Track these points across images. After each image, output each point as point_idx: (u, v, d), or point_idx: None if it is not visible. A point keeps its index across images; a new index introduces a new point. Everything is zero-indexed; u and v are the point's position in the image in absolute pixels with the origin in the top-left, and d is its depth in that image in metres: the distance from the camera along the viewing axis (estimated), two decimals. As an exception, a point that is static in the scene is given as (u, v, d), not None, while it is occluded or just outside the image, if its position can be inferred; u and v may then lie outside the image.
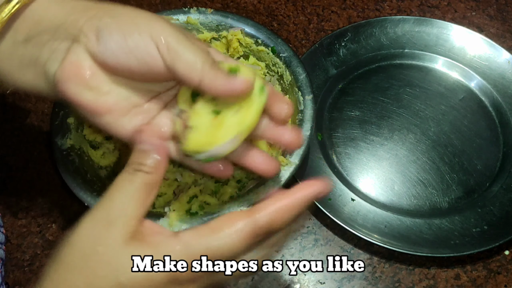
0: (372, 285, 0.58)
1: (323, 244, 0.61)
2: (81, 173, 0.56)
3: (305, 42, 0.75)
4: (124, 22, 0.39)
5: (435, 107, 0.70)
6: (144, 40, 0.39)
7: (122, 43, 0.39)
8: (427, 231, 0.60)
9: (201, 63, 0.39)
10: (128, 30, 0.39)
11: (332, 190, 0.62)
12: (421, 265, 0.59)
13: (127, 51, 0.39)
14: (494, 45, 0.73)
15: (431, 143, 0.67)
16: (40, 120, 0.68)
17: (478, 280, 0.59)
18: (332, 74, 0.71)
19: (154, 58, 0.39)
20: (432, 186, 0.64)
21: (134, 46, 0.39)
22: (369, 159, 0.66)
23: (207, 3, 0.79)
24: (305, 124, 0.58)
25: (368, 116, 0.69)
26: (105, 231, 0.36)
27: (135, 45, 0.39)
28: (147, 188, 0.37)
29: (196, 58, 0.39)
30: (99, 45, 0.40)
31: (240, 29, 0.64)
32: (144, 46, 0.39)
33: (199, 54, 0.39)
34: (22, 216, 0.61)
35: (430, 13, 0.78)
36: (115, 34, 0.39)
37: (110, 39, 0.39)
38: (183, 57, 0.39)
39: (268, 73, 0.64)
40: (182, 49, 0.39)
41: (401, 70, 0.73)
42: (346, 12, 0.78)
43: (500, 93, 0.70)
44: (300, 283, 0.58)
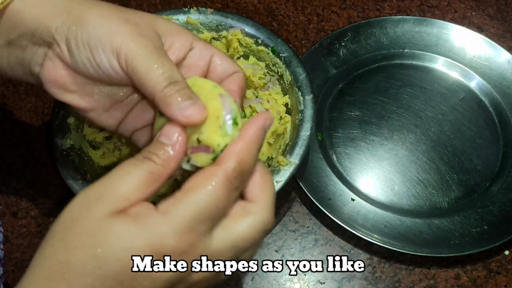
0: (372, 285, 0.58)
1: (323, 244, 0.61)
2: (81, 173, 0.56)
3: (305, 42, 0.75)
4: (89, 35, 0.40)
5: (435, 107, 0.70)
6: (106, 55, 0.39)
7: (89, 58, 0.40)
8: (427, 231, 0.60)
9: (152, 81, 0.38)
10: (92, 44, 0.40)
11: (332, 190, 0.62)
12: (421, 265, 0.59)
13: (95, 65, 0.40)
14: (494, 45, 0.73)
15: (431, 143, 0.67)
16: (40, 120, 0.68)
17: (478, 280, 0.59)
18: (332, 74, 0.71)
19: (118, 73, 0.40)
20: (432, 186, 0.64)
21: (100, 62, 0.40)
22: (369, 159, 0.66)
23: (207, 3, 0.79)
24: (305, 124, 0.58)
25: (368, 116, 0.69)
26: (92, 205, 0.34)
27: (100, 61, 0.40)
28: (150, 176, 0.35)
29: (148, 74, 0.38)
30: (71, 57, 0.41)
31: (240, 29, 0.64)
32: (107, 62, 0.40)
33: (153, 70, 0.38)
34: (22, 216, 0.61)
35: (430, 13, 0.78)
36: (82, 49, 0.40)
37: (78, 52, 0.40)
38: (137, 73, 0.39)
39: (268, 73, 0.64)
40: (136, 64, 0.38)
41: (401, 70, 0.73)
42: (346, 12, 0.78)
43: (500, 93, 0.70)
44: (300, 283, 0.58)
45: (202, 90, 0.39)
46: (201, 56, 0.44)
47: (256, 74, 0.64)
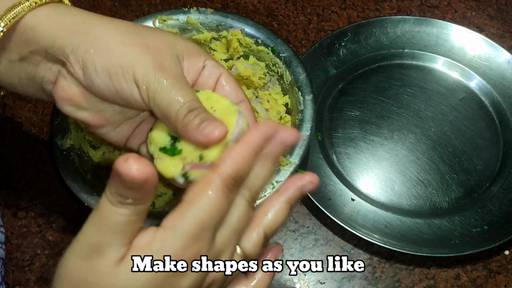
0: (372, 285, 0.58)
1: (323, 244, 0.61)
2: (81, 173, 0.56)
3: (305, 42, 0.75)
4: (109, 60, 0.40)
5: (435, 107, 0.70)
6: (127, 84, 0.40)
7: (108, 84, 0.40)
8: (427, 231, 0.60)
9: (175, 114, 0.39)
10: (113, 71, 0.39)
11: (332, 190, 0.62)
12: (421, 265, 0.59)
13: (114, 91, 0.40)
14: (494, 45, 0.73)
15: (431, 143, 0.67)
16: (40, 120, 0.68)
17: (478, 280, 0.59)
18: (332, 74, 0.71)
19: (137, 101, 0.40)
20: (432, 186, 0.64)
21: (119, 89, 0.40)
22: (369, 159, 0.66)
23: (207, 3, 0.79)
24: (305, 124, 0.58)
25: (368, 116, 0.69)
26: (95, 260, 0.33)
27: (120, 88, 0.40)
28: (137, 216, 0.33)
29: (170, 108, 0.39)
30: (86, 79, 0.40)
31: (240, 29, 0.64)
32: (127, 89, 0.40)
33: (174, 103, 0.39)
34: (22, 216, 0.61)
35: (430, 13, 0.78)
36: (100, 73, 0.40)
37: (96, 76, 0.40)
38: (160, 106, 0.39)
39: (268, 73, 0.64)
40: (159, 98, 0.39)
41: (401, 70, 0.73)
42: (346, 12, 0.78)
43: (500, 93, 0.70)
44: (300, 283, 0.58)
45: (218, 104, 0.40)
46: (211, 75, 0.44)
47: (256, 74, 0.64)
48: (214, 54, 0.66)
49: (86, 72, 0.40)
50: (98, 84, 0.40)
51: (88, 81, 0.41)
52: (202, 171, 0.38)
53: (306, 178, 0.38)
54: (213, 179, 0.34)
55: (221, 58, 0.66)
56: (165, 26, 0.64)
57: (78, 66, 0.40)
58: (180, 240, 0.33)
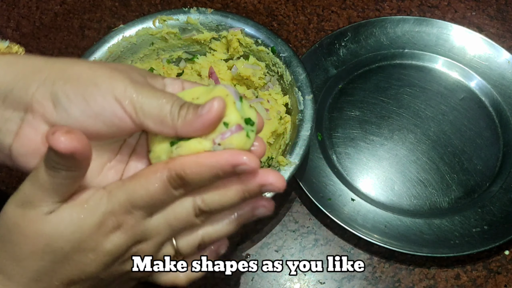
0: (372, 285, 0.58)
1: (323, 244, 0.61)
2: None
3: (305, 42, 0.75)
4: (82, 85, 0.37)
5: (435, 107, 0.70)
6: (109, 103, 0.37)
7: (85, 108, 0.37)
8: (427, 231, 0.60)
9: (169, 115, 0.37)
10: (89, 94, 0.37)
11: (332, 190, 0.62)
12: (421, 265, 0.59)
13: (93, 115, 0.37)
14: (494, 45, 0.73)
15: (431, 143, 0.67)
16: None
17: (478, 280, 0.59)
18: (332, 74, 0.71)
19: (122, 119, 0.37)
20: (432, 186, 0.64)
21: (100, 110, 0.37)
22: (369, 159, 0.66)
23: (207, 3, 0.79)
24: (305, 124, 0.58)
25: (368, 116, 0.69)
26: (27, 210, 0.36)
27: (101, 109, 0.37)
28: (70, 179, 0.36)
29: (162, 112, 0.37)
30: (58, 113, 0.37)
31: (240, 29, 0.64)
32: (110, 108, 0.37)
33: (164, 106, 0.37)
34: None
35: (430, 13, 0.79)
36: (75, 100, 0.37)
37: (70, 105, 0.37)
38: (151, 114, 0.37)
39: (268, 73, 0.64)
40: (147, 107, 0.37)
41: (401, 70, 0.73)
42: (346, 12, 0.78)
43: (500, 93, 0.70)
44: (300, 283, 0.58)
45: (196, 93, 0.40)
46: (174, 86, 0.43)
47: (256, 74, 0.64)
48: (214, 54, 0.67)
49: (58, 105, 0.37)
50: (74, 113, 0.37)
51: (61, 114, 0.37)
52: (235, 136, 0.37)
53: (262, 202, 0.40)
54: (162, 170, 0.37)
55: (221, 58, 0.66)
56: (165, 26, 0.64)
57: (47, 101, 0.37)
58: (112, 204, 0.37)
